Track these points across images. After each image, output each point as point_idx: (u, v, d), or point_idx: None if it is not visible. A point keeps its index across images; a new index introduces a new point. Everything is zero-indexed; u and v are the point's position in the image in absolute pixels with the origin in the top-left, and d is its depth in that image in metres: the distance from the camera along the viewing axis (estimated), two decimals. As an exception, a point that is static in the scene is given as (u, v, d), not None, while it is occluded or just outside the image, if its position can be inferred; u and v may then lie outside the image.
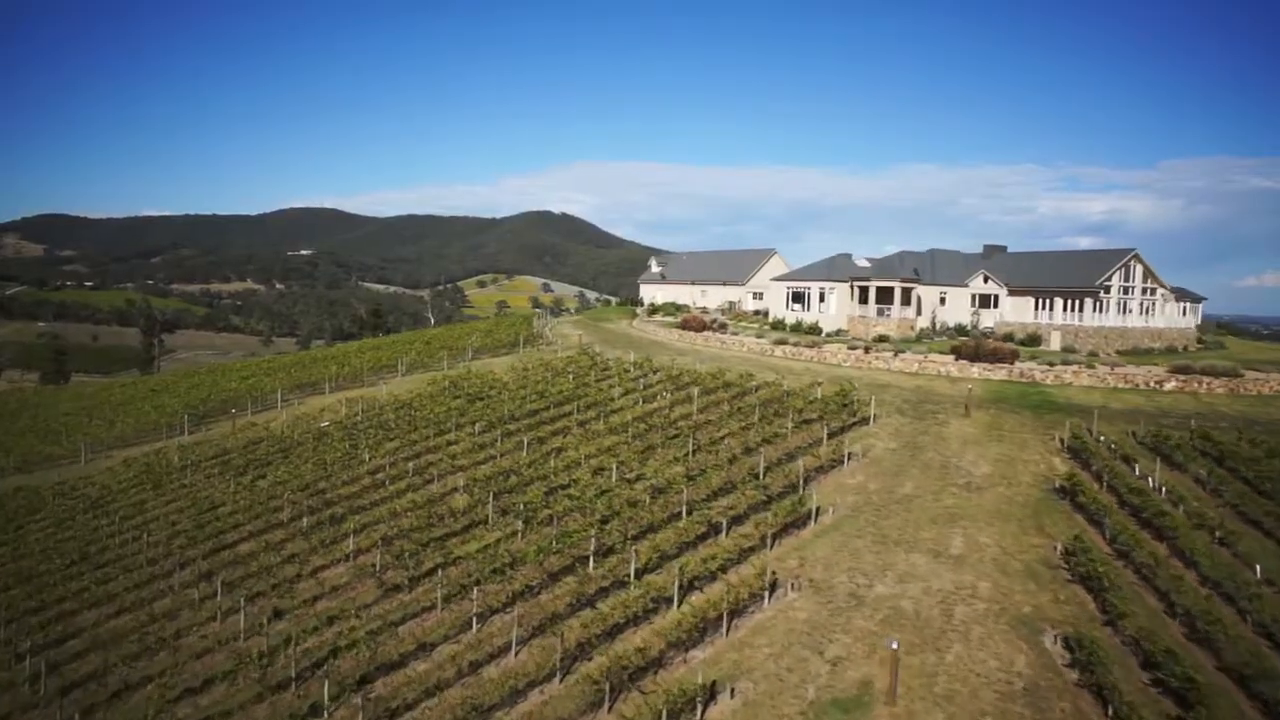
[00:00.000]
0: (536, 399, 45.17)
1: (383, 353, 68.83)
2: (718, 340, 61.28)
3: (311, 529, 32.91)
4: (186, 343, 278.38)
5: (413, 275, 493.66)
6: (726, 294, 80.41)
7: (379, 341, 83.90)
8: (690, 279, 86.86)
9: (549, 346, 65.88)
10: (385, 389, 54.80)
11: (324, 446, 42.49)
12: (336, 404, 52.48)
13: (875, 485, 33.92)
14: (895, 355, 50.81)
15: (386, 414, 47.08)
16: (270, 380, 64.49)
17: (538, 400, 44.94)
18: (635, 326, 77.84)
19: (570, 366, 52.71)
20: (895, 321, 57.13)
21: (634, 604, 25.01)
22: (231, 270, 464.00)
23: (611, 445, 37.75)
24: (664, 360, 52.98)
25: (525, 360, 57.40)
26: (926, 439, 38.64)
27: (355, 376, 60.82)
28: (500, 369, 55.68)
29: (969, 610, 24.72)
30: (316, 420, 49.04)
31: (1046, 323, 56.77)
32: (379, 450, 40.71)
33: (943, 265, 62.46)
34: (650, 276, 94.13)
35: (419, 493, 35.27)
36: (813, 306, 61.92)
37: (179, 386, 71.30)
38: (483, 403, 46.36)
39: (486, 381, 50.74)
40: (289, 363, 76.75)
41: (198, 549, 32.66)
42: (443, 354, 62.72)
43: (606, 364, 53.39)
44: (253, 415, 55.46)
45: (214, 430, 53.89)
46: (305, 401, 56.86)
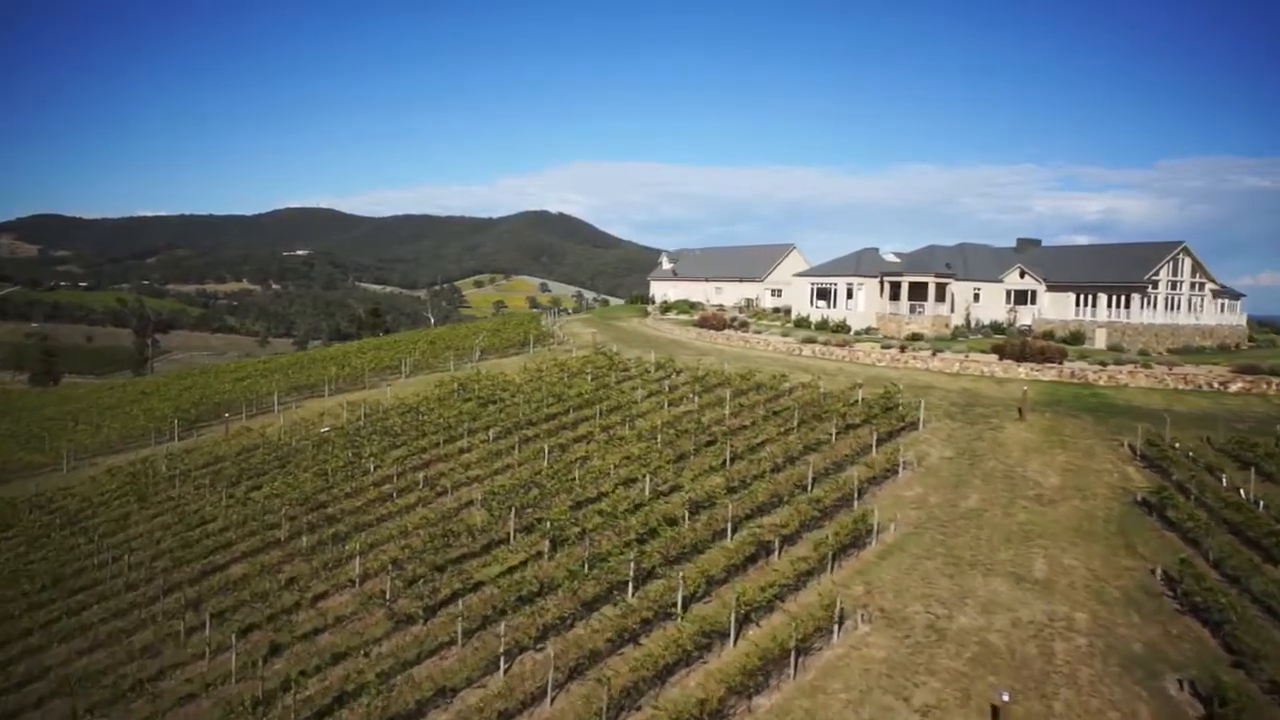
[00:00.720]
0: (554, 402, 41.81)
1: (384, 353, 65.37)
2: (740, 339, 57.97)
3: (312, 549, 29.54)
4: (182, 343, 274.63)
5: (410, 275, 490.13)
6: (743, 291, 77.08)
7: (380, 341, 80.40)
8: (704, 276, 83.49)
9: (560, 346, 62.52)
10: (389, 391, 51.41)
11: (324, 455, 39.08)
12: (337, 408, 49.06)
13: (936, 498, 30.64)
14: (933, 354, 47.57)
15: (392, 419, 43.70)
16: (266, 382, 61.04)
17: (555, 404, 41.58)
18: (649, 325, 74.58)
19: (587, 367, 49.36)
20: (929, 319, 53.88)
21: (685, 640, 21.70)
22: (227, 270, 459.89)
23: (640, 453, 34.44)
24: (686, 360, 49.67)
25: (537, 360, 54.04)
26: (983, 445, 35.40)
27: (356, 378, 57.41)
28: (511, 370, 52.30)
29: (1070, 647, 21.46)
30: (316, 425, 45.62)
31: (1090, 320, 53.55)
32: (385, 459, 37.35)
33: (974, 260, 59.23)
34: (661, 273, 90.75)
35: (430, 507, 31.92)
36: (839, 303, 58.65)
37: (170, 389, 67.78)
38: (495, 406, 42.99)
39: (498, 383, 47.37)
40: (286, 363, 73.25)
41: (184, 572, 29.24)
42: (448, 354, 59.29)
43: (625, 364, 50.06)
44: (247, 420, 52.03)
45: (206, 436, 50.45)
46: (303, 405, 53.42)
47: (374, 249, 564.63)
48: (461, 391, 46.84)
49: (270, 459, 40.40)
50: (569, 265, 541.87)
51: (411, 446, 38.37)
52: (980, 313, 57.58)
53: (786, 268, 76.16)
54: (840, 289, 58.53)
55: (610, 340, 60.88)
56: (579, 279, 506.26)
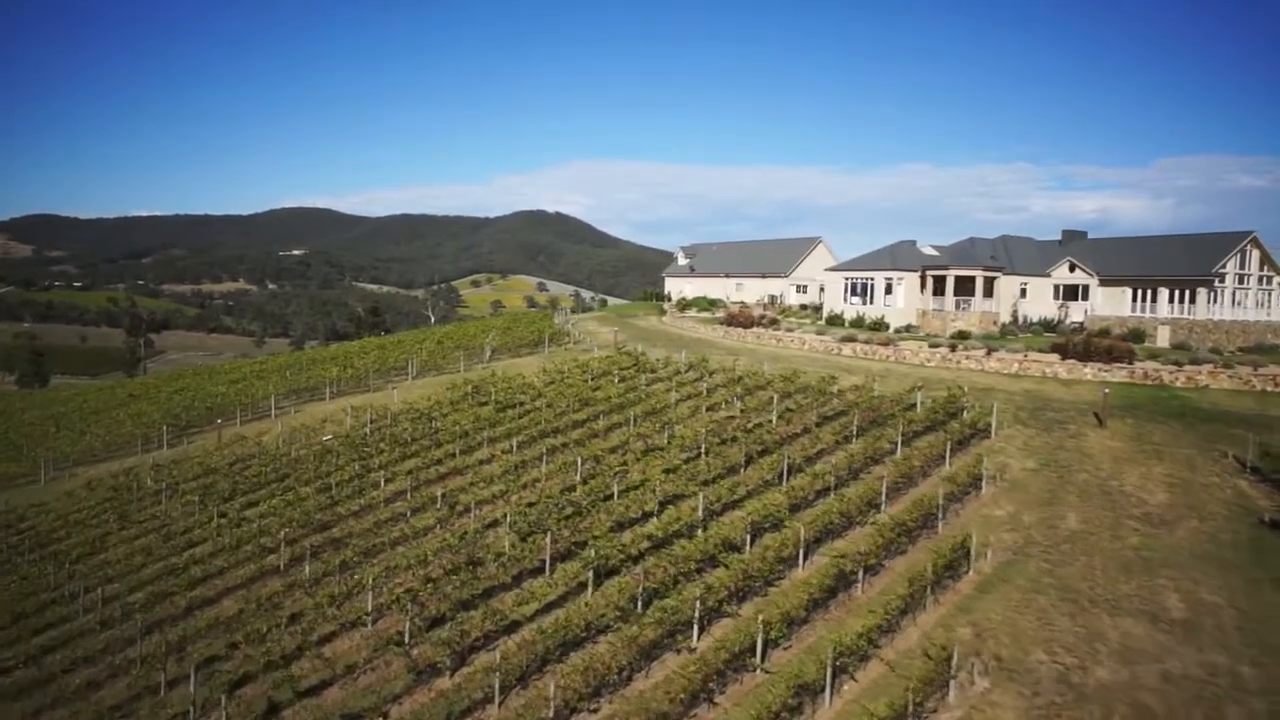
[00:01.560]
0: (580, 407, 37.79)
1: (389, 353, 61.21)
2: (772, 337, 53.99)
3: (316, 579, 25.51)
4: (178, 343, 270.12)
5: (406, 275, 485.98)
6: (766, 287, 73.04)
7: (383, 341, 76.08)
8: (724, 272, 79.40)
9: (577, 345, 58.48)
10: (396, 395, 47.36)
11: (328, 467, 35.01)
12: (340, 413, 44.99)
13: (1030, 517, 26.71)
14: (988, 354, 43.65)
15: (401, 425, 39.66)
16: (262, 385, 56.87)
17: (582, 409, 37.56)
18: (668, 323, 70.45)
19: (612, 368, 45.35)
20: (977, 315, 49.96)
21: (773, 700, 17.74)
22: (223, 270, 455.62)
23: (683, 465, 30.49)
24: (719, 360, 45.66)
25: (555, 361, 50.02)
26: (1066, 455, 31.48)
27: (359, 380, 53.29)
28: (528, 371, 48.26)
29: (1246, 714, 17.53)
30: (317, 433, 41.55)
31: (1150, 316, 49.65)
32: (396, 471, 33.31)
33: (1018, 253, 55.35)
34: (677, 269, 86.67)
35: (450, 529, 27.91)
36: (877, 299, 54.69)
37: (160, 391, 63.56)
38: (515, 412, 38.97)
39: (516, 385, 43.32)
40: (283, 364, 68.93)
41: (167, 606, 25.20)
42: (458, 355, 55.19)
43: (653, 365, 46.07)
44: (242, 426, 47.92)
45: (197, 444, 46.34)
46: (303, 409, 49.32)
47: (370, 249, 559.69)
48: (476, 395, 42.82)
49: (267, 471, 36.32)
50: (566, 265, 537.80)
51: (425, 457, 34.33)
52: (1027, 309, 53.73)
53: (812, 263, 72.22)
54: (877, 284, 54.58)
55: (631, 339, 56.88)
56: (576, 278, 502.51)
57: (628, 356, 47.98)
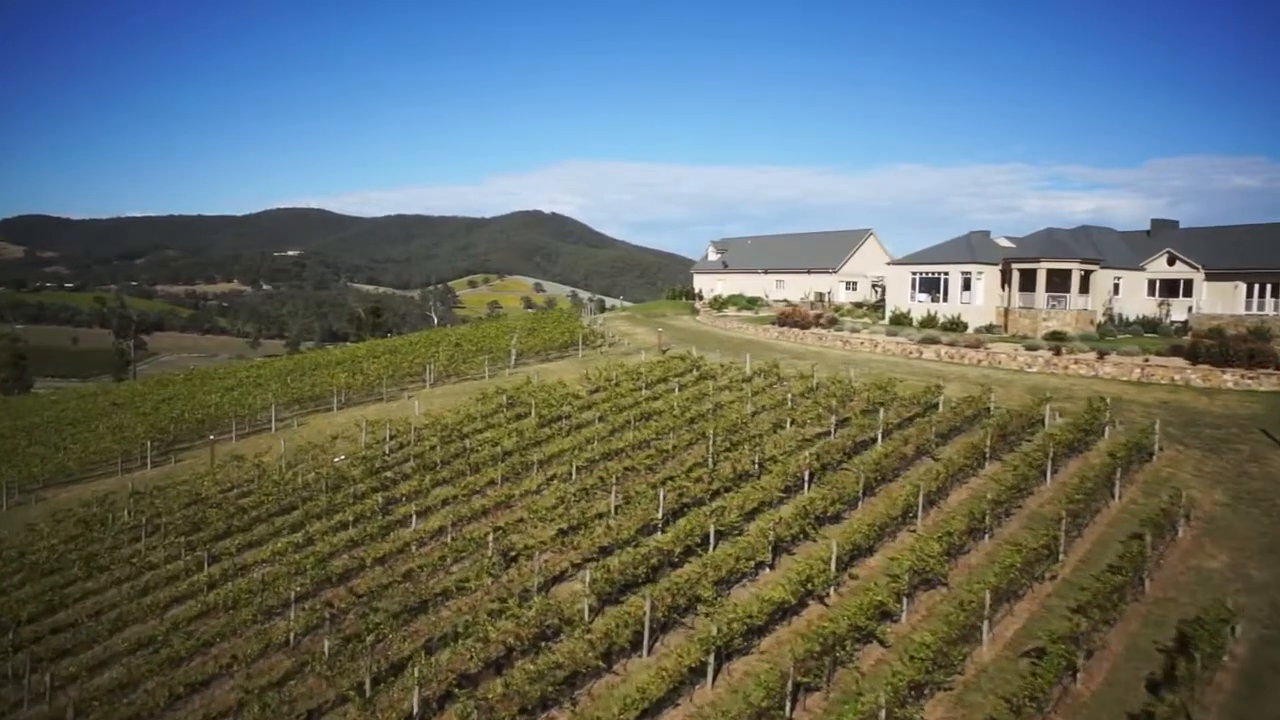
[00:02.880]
0: (642, 423, 31.54)
1: (401, 357, 54.70)
2: (836, 339, 47.82)
3: (335, 659, 19.17)
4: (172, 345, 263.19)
5: (402, 275, 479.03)
6: (812, 284, 66.76)
7: (393, 343, 69.20)
8: (761, 267, 73.19)
9: (614, 347, 52.20)
10: (415, 405, 41.10)
11: (344, 496, 28.67)
12: (352, 426, 38.72)
13: (1260, 572, 20.60)
14: (1099, 358, 37.61)
15: (427, 443, 33.36)
16: (260, 393, 50.43)
17: (645, 425, 31.33)
18: (705, 322, 63.96)
19: (666, 375, 39.13)
20: (1073, 314, 43.85)
21: None
22: (217, 271, 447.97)
23: (784, 495, 24.41)
24: (788, 366, 39.47)
25: (593, 366, 43.81)
26: (1257, 484, 25.44)
27: (370, 388, 46.89)
28: (567, 378, 42.00)
29: None
30: (328, 452, 35.24)
31: (1273, 314, 43.59)
32: (427, 503, 27.02)
33: (1102, 245, 49.28)
34: (707, 265, 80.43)
35: (503, 581, 21.65)
36: (951, 296, 48.58)
37: (146, 400, 56.97)
38: (560, 427, 32.69)
39: (556, 395, 37.04)
40: (283, 369, 62.26)
41: (137, 699, 18.85)
42: (482, 359, 48.72)
43: (711, 370, 39.87)
44: (238, 441, 41.58)
45: (186, 462, 40.01)
46: (307, 422, 42.98)
47: (366, 249, 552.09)
48: (512, 406, 36.54)
49: (269, 502, 29.95)
50: (562, 265, 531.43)
51: (461, 485, 28.02)
52: (1121, 306, 47.70)
53: (863, 257, 66.23)
54: (952, 279, 48.48)
55: (674, 341, 50.59)
56: (573, 279, 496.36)
57: (680, 361, 41.74)
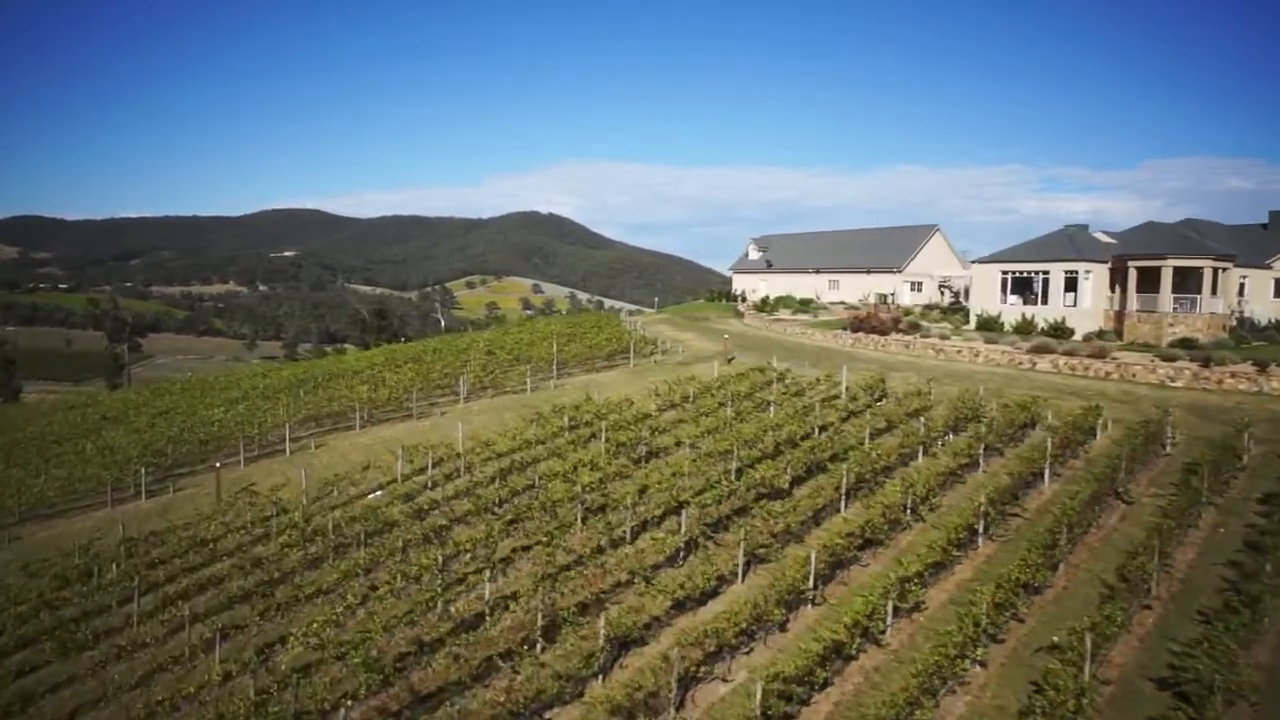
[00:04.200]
0: (747, 450, 25.44)
1: (427, 367, 48.29)
2: (924, 347, 41.86)
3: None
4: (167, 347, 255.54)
5: (400, 277, 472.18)
6: (871, 284, 60.79)
7: (412, 349, 62.03)
8: (811, 266, 67.12)
9: (667, 355, 46.09)
10: (452, 424, 34.97)
11: (389, 549, 22.45)
12: (382, 449, 32.60)
13: None
14: (1260, 371, 31.79)
15: (478, 472, 27.19)
16: (270, 407, 44.12)
17: (749, 451, 25.26)
18: (759, 326, 57.57)
19: (751, 390, 33.07)
20: (1204, 318, 38.10)
21: None
22: (213, 272, 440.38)
23: (990, 570, 18.48)
24: (889, 378, 33.48)
25: (655, 378, 37.78)
26: None
27: (397, 402, 40.66)
28: (625, 391, 35.92)
29: None
30: (358, 485, 29.05)
31: None
32: (493, 553, 20.81)
33: (1215, 241, 43.53)
34: (747, 264, 74.35)
35: (618, 680, 15.52)
36: (1053, 297, 42.76)
37: (141, 413, 50.47)
38: (636, 453, 26.57)
39: (626, 415, 30.90)
40: (292, 378, 55.51)
41: None
42: (523, 369, 42.51)
43: (797, 384, 33.87)
44: (247, 466, 35.37)
45: (187, 492, 33.77)
46: (326, 443, 36.80)
47: (362, 250, 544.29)
48: (573, 427, 30.43)
49: (291, 552, 23.73)
50: (560, 266, 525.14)
51: (539, 535, 21.84)
52: (1248, 308, 42.05)
53: (928, 255, 60.38)
54: (1053, 278, 42.64)
55: (736, 349, 44.52)
56: (572, 280, 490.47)
57: (759, 373, 35.69)
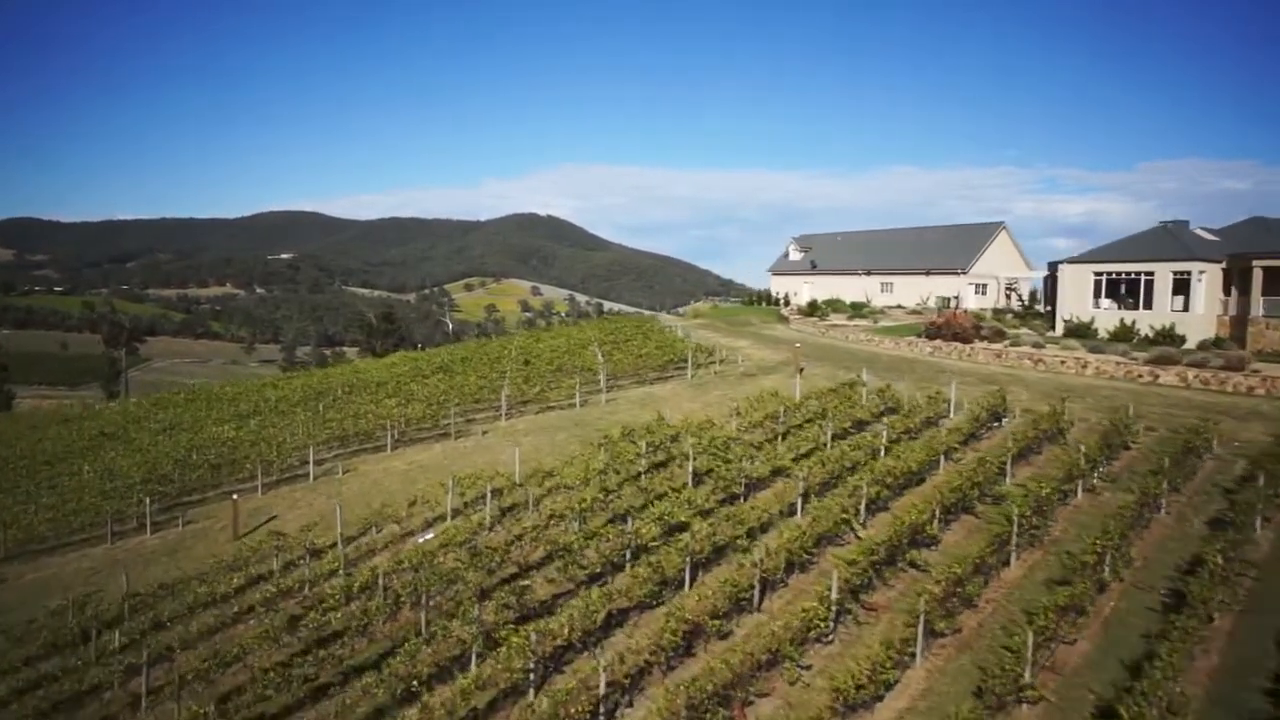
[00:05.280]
0: (881, 489, 20.97)
1: (460, 379, 43.14)
2: (1020, 357, 37.46)
3: None
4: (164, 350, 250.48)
5: (398, 279, 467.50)
6: (932, 287, 56.40)
7: (439, 357, 56.27)
8: (861, 268, 62.64)
9: (727, 365, 41.56)
10: (499, 445, 30.47)
11: (444, 601, 17.85)
12: (420, 476, 28.09)
13: None
14: None
15: (546, 508, 22.61)
16: (287, 424, 39.45)
17: (881, 489, 20.81)
18: (813, 332, 53.09)
19: (844, 406, 28.59)
20: (1346, 325, 33.92)
21: None
22: (210, 274, 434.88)
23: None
24: (1001, 395, 29.06)
25: (720, 392, 33.31)
26: None
27: (433, 420, 35.94)
28: (690, 407, 31.42)
29: None
30: (404, 523, 24.45)
31: None
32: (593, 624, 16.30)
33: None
34: (788, 265, 69.81)
35: None
36: (1157, 301, 38.51)
37: (142, 429, 45.51)
38: (725, 479, 22.08)
39: (706, 440, 26.34)
40: (308, 390, 49.74)
41: None
42: (571, 382, 37.89)
43: (895, 401, 29.42)
44: (265, 495, 30.79)
45: (200, 524, 29.16)
46: (355, 467, 32.18)
47: (360, 252, 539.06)
48: (651, 451, 25.89)
49: (334, 617, 19.04)
50: (559, 268, 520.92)
51: (630, 590, 17.32)
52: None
53: (993, 256, 56.04)
54: (1158, 280, 38.35)
55: (803, 359, 40.05)
56: (570, 282, 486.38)
57: (848, 388, 31.20)
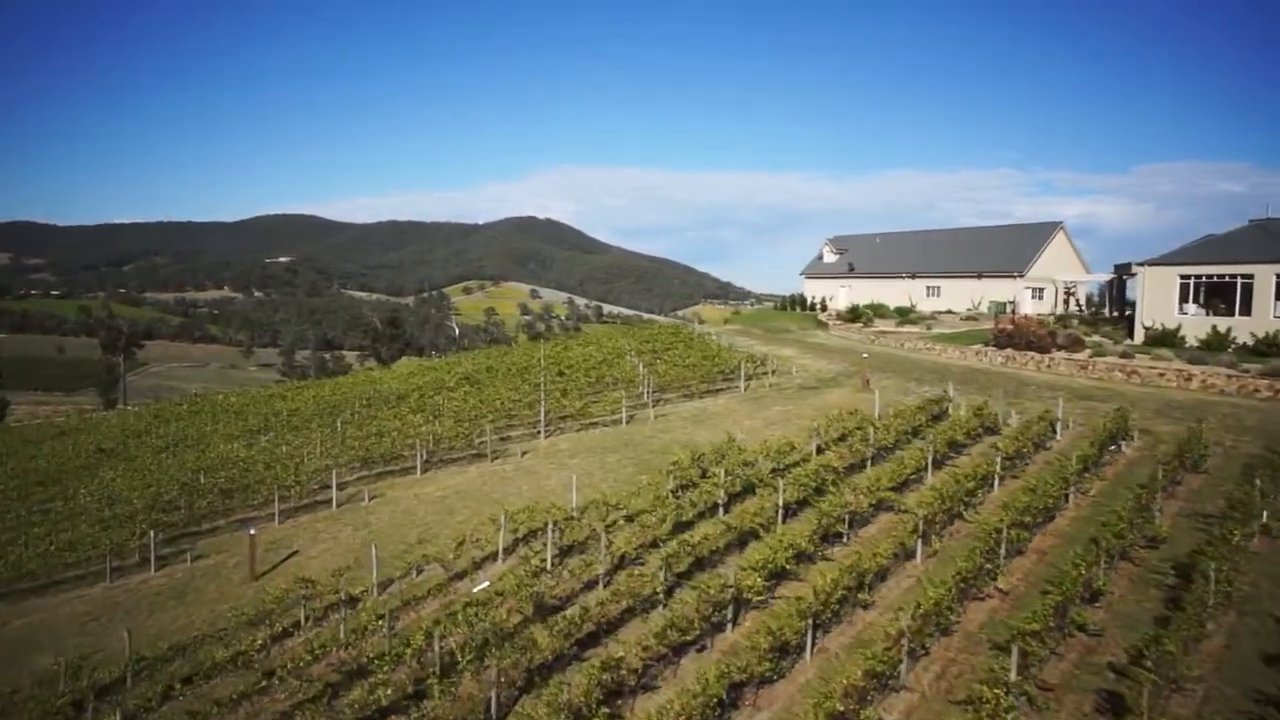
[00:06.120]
0: (1019, 529, 17.59)
1: (490, 392, 39.21)
2: (1110, 369, 34.25)
3: None
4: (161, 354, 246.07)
5: (396, 282, 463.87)
6: (983, 290, 53.08)
7: (456, 366, 51.39)
8: (905, 271, 59.26)
9: (782, 377, 38.22)
10: (542, 467, 27.07)
11: (513, 672, 14.48)
12: (459, 504, 24.70)
13: None
14: None
15: (617, 543, 19.21)
16: (303, 441, 35.90)
17: (1018, 524, 17.43)
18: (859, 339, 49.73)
19: (925, 424, 25.24)
20: None
21: None
22: (207, 278, 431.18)
23: None
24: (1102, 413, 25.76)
25: (782, 408, 29.98)
26: None
27: (465, 439, 32.41)
28: (751, 425, 28.06)
29: None
30: (449, 565, 21.00)
31: None
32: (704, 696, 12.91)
33: None
34: (823, 268, 66.40)
35: None
36: (1257, 307, 35.29)
37: (143, 445, 41.63)
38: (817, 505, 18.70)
39: (790, 463, 22.93)
40: (320, 402, 45.24)
41: None
42: (616, 394, 34.42)
43: (990, 420, 26.11)
44: (283, 524, 27.36)
45: (211, 559, 25.73)
46: (383, 493, 28.74)
47: (358, 255, 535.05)
48: (730, 481, 22.50)
49: (381, 690, 15.65)
50: (557, 271, 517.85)
51: (743, 656, 13.95)
52: None
53: (1050, 257, 52.74)
54: (1260, 284, 34.95)
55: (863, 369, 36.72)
56: (569, 285, 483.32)
57: (933, 404, 27.87)
